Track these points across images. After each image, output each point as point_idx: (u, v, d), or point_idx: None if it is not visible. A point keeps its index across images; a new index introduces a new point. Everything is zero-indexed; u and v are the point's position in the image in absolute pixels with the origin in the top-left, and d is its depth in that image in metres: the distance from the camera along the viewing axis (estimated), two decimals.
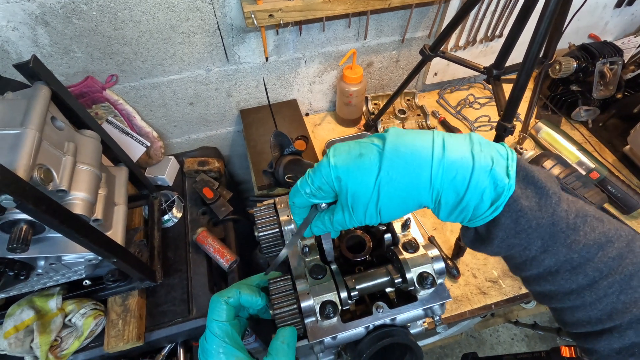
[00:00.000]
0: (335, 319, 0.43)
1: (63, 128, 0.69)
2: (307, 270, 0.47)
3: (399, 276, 0.46)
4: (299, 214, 0.39)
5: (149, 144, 1.10)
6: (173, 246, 1.02)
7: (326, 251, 0.47)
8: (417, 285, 0.43)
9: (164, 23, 0.91)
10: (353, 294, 0.44)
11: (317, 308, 0.43)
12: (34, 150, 0.57)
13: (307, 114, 1.34)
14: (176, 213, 1.07)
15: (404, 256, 0.46)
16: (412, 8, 1.04)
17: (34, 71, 0.63)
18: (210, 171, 1.16)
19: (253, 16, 0.89)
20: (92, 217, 0.70)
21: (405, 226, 0.50)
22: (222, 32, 0.98)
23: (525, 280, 0.39)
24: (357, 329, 0.45)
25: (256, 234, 0.51)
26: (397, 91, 1.08)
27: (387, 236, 0.50)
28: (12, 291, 0.74)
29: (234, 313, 0.44)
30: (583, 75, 1.15)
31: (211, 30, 0.96)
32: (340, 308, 0.43)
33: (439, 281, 0.45)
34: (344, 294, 0.43)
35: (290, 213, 0.51)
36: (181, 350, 0.96)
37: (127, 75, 1.00)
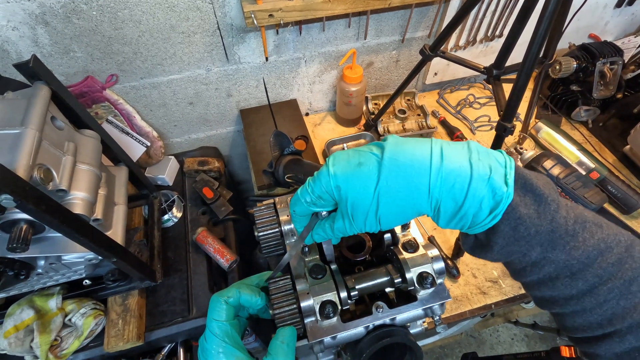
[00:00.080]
0: (335, 319, 0.43)
1: (63, 128, 0.69)
2: (307, 270, 0.47)
3: (399, 276, 0.46)
4: (300, 222, 0.40)
5: (149, 144, 1.10)
6: (173, 246, 1.02)
7: (326, 251, 0.47)
8: (417, 285, 0.44)
9: (164, 23, 0.91)
10: (353, 294, 0.44)
11: (317, 308, 0.43)
12: (34, 150, 0.57)
13: (307, 114, 1.34)
14: (176, 213, 1.07)
15: (404, 256, 0.46)
16: (412, 8, 1.04)
17: (34, 71, 0.63)
18: (210, 171, 1.16)
19: (253, 16, 0.89)
20: (92, 217, 0.71)
21: (405, 226, 0.50)
22: (222, 32, 0.98)
23: (525, 285, 0.39)
24: (357, 329, 0.45)
25: (256, 234, 0.51)
26: (397, 91, 1.08)
27: (387, 236, 0.50)
28: (12, 291, 0.74)
29: (234, 313, 0.44)
30: (583, 75, 1.15)
31: (211, 30, 0.96)
32: (340, 308, 0.43)
33: (439, 281, 0.45)
34: (344, 294, 0.43)
35: (290, 213, 0.51)
36: (181, 350, 0.96)
37: (127, 75, 1.00)
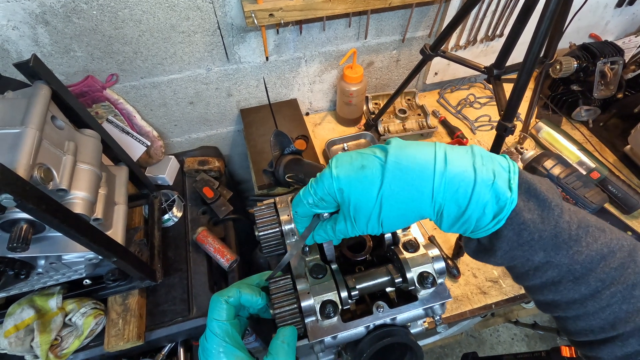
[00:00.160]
0: (335, 319, 0.43)
1: (63, 127, 0.69)
2: (308, 269, 0.47)
3: (399, 276, 0.46)
4: (302, 223, 0.40)
5: (149, 144, 1.10)
6: (173, 245, 1.02)
7: (327, 251, 0.47)
8: (418, 284, 0.43)
9: (164, 22, 0.91)
10: (353, 294, 0.44)
11: (318, 307, 0.43)
12: (34, 149, 0.57)
13: (308, 114, 1.34)
14: (176, 212, 1.07)
15: (405, 256, 0.46)
16: (413, 7, 1.04)
17: (34, 70, 0.63)
18: (210, 170, 1.16)
19: (253, 15, 0.88)
20: (93, 217, 0.71)
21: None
22: (223, 32, 0.98)
23: (528, 289, 0.39)
24: (358, 329, 0.45)
25: (256, 234, 0.51)
26: (398, 91, 1.08)
27: (388, 236, 0.50)
28: (13, 290, 0.74)
29: (234, 312, 0.44)
30: (584, 75, 1.15)
31: (211, 29, 0.96)
32: (340, 307, 0.43)
33: (440, 281, 0.45)
34: (344, 294, 0.43)
35: (290, 212, 0.51)
36: (181, 349, 0.96)
37: (128, 74, 1.00)
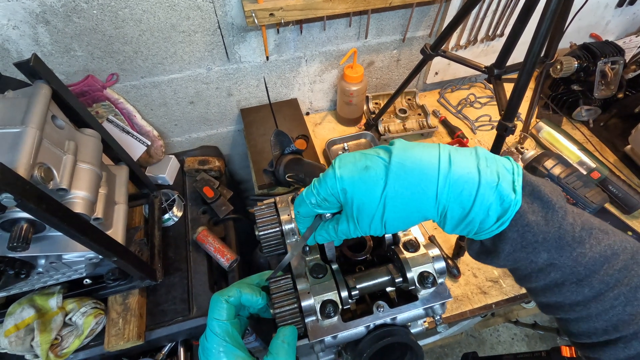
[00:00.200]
0: (335, 318, 0.43)
1: (63, 127, 0.69)
2: (308, 269, 0.47)
3: (400, 275, 0.46)
4: (304, 223, 0.39)
5: (150, 143, 1.10)
6: (173, 245, 1.02)
7: (327, 252, 0.47)
8: (418, 284, 0.43)
9: (165, 22, 0.91)
10: (354, 293, 0.44)
11: (318, 307, 0.43)
12: (35, 148, 0.57)
13: (308, 113, 1.34)
14: (176, 212, 1.07)
15: (405, 255, 0.46)
16: (413, 7, 1.04)
17: (35, 70, 0.63)
18: (210, 170, 1.16)
19: (254, 15, 0.88)
20: (93, 216, 0.71)
21: None
22: (223, 31, 0.98)
23: (530, 291, 0.39)
24: (358, 328, 0.45)
25: (256, 233, 0.51)
26: (398, 90, 1.08)
27: (388, 235, 0.50)
28: (13, 290, 0.74)
29: (235, 312, 0.44)
30: (584, 74, 1.15)
31: (212, 29, 0.96)
32: (340, 307, 0.43)
33: (440, 280, 0.45)
34: (345, 293, 0.43)
35: (290, 212, 0.51)
36: (181, 349, 0.96)
37: (128, 74, 1.00)
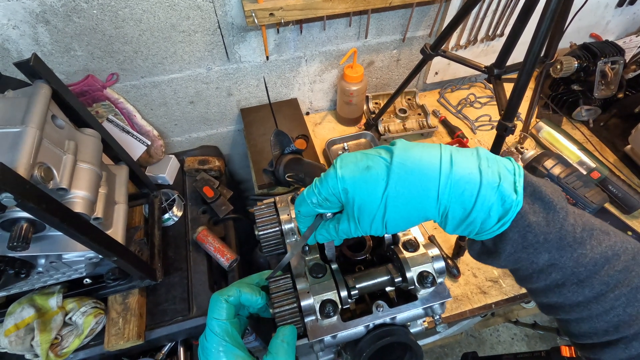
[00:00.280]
0: (335, 318, 0.43)
1: (63, 126, 0.69)
2: (307, 269, 0.47)
3: (399, 275, 0.46)
4: (304, 222, 0.39)
5: (150, 143, 1.10)
6: (173, 245, 1.02)
7: (327, 251, 0.47)
8: (417, 284, 0.43)
9: (165, 21, 0.91)
10: (353, 293, 0.44)
11: (317, 307, 0.43)
12: (35, 148, 0.57)
13: (308, 113, 1.34)
14: (176, 212, 1.07)
15: (404, 255, 0.46)
16: (413, 7, 1.04)
17: (35, 69, 0.63)
18: (210, 170, 1.16)
19: (254, 15, 0.88)
20: (93, 216, 0.71)
21: None
22: (223, 31, 0.98)
23: (531, 292, 0.39)
24: (357, 328, 0.45)
25: (256, 233, 0.51)
26: (398, 90, 1.08)
27: (388, 235, 0.50)
28: (13, 289, 0.74)
29: (234, 311, 0.44)
30: (584, 74, 1.15)
31: (212, 28, 0.96)
32: (340, 307, 0.43)
33: (439, 280, 0.45)
34: (344, 293, 0.43)
35: (290, 212, 0.51)
36: (181, 348, 0.96)
37: (128, 73, 1.00)
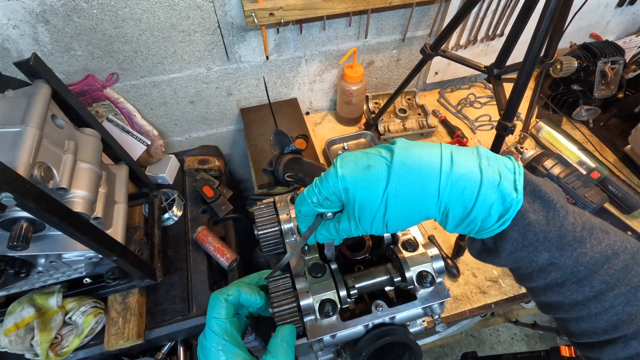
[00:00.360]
0: (334, 318, 0.43)
1: (63, 126, 0.69)
2: (307, 268, 0.47)
3: (399, 275, 0.46)
4: (304, 222, 0.39)
5: (150, 143, 1.10)
6: (173, 244, 1.02)
7: (327, 251, 0.47)
8: (417, 284, 0.43)
9: (165, 21, 0.91)
10: (352, 293, 0.44)
11: (317, 306, 0.43)
12: (34, 148, 0.57)
13: (308, 113, 1.34)
14: (176, 211, 1.07)
15: (404, 255, 0.46)
16: (413, 7, 1.04)
17: (35, 69, 0.63)
18: (210, 170, 1.16)
19: (254, 14, 0.88)
20: (93, 215, 0.71)
21: None
22: (223, 31, 0.98)
23: (530, 290, 0.39)
24: (356, 328, 0.45)
25: (256, 233, 0.51)
26: (398, 90, 1.08)
27: (387, 235, 0.50)
28: (13, 289, 0.74)
29: (234, 311, 0.44)
30: (584, 74, 1.15)
31: (212, 28, 0.96)
32: (339, 306, 0.43)
33: (439, 280, 0.45)
34: (343, 293, 0.43)
35: (289, 211, 0.51)
36: (181, 348, 0.96)
37: (128, 73, 1.00)
